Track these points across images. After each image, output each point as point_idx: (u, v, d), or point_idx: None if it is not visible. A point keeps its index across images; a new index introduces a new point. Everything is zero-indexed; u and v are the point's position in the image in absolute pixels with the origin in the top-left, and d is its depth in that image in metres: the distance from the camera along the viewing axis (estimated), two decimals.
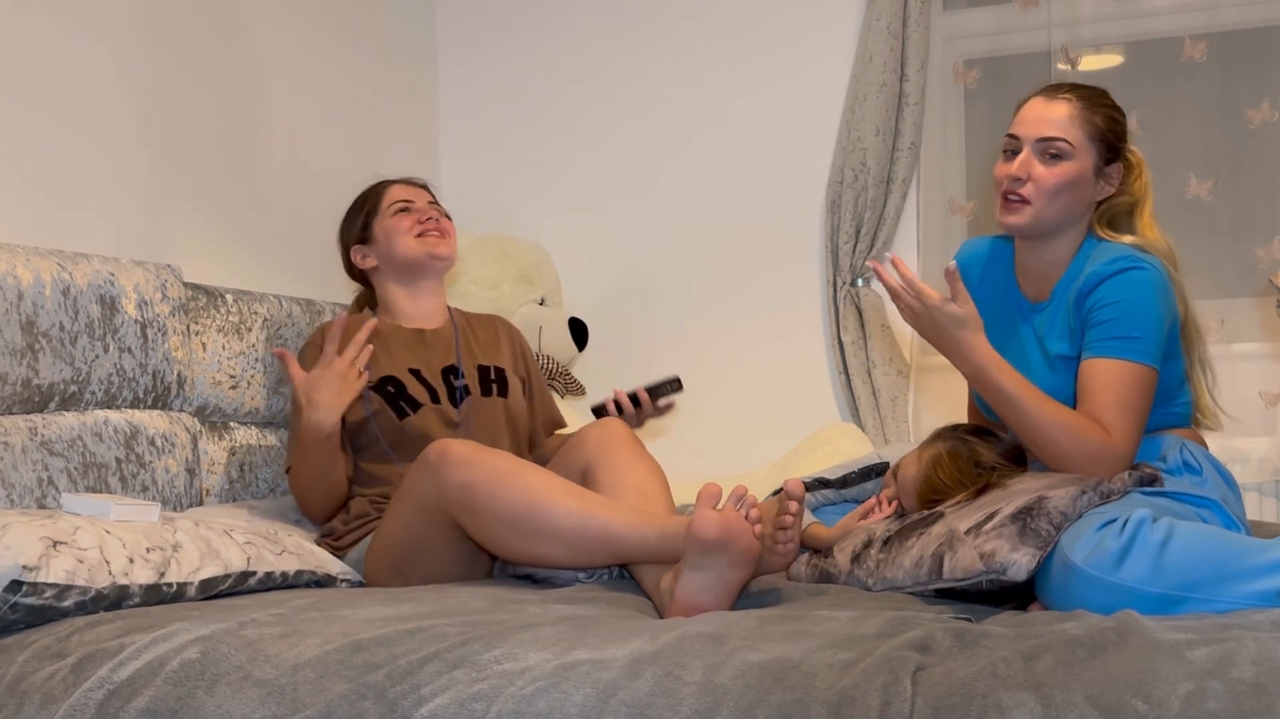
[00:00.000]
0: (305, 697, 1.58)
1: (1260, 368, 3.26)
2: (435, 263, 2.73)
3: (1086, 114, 2.19)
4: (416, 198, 2.78)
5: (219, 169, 3.13)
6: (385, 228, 2.74)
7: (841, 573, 2.18)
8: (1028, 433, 2.08)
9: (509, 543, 2.16)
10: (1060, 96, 2.22)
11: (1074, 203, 2.20)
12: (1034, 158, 2.20)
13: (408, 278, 2.75)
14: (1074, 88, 2.24)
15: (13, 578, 1.78)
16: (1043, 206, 2.19)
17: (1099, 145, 2.20)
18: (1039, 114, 2.21)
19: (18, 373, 2.31)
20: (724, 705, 1.47)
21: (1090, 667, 1.47)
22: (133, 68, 2.89)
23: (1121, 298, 2.11)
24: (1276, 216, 3.32)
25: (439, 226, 2.74)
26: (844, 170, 3.52)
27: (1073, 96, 2.21)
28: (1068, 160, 2.18)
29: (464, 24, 4.00)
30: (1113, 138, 2.21)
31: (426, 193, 2.83)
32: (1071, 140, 2.18)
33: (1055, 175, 2.18)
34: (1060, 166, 2.18)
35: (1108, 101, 2.25)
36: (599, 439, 2.36)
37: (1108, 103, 2.24)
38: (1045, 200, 2.19)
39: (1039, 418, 2.05)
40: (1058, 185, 2.18)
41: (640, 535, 2.07)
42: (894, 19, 3.45)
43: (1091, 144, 2.19)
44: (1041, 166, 2.19)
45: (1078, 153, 2.18)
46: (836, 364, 3.58)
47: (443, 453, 2.20)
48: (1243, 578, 1.80)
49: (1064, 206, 2.20)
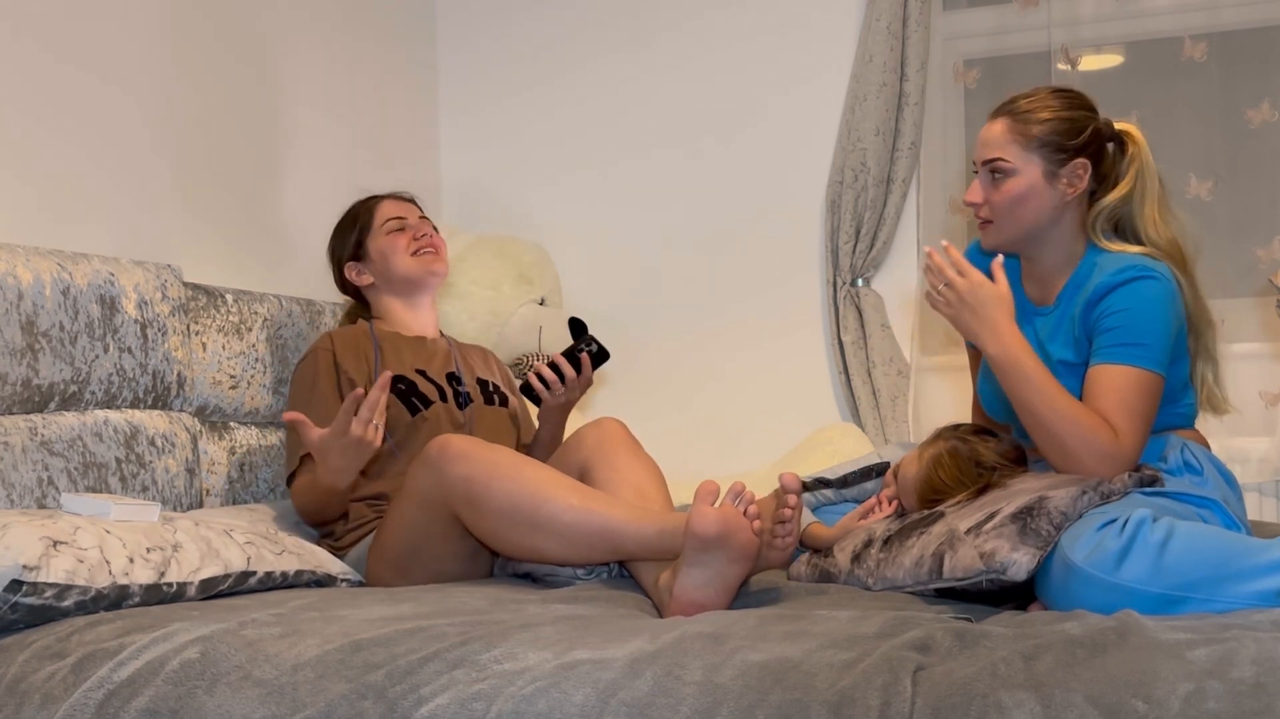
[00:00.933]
0: (305, 697, 1.58)
1: (1260, 368, 3.26)
2: (432, 279, 2.78)
3: (1021, 127, 2.21)
4: (408, 214, 2.81)
5: (219, 169, 3.13)
6: (380, 246, 2.77)
7: (841, 573, 2.18)
8: (1040, 422, 2.08)
9: (508, 536, 2.16)
10: (1000, 115, 2.25)
11: (1037, 211, 2.22)
12: (984, 180, 2.25)
13: (405, 293, 2.78)
14: (1016, 100, 2.25)
15: (13, 578, 1.78)
16: (1004, 224, 2.24)
17: (1042, 151, 2.20)
18: (982, 136, 2.26)
19: (18, 373, 2.31)
20: (724, 705, 1.47)
21: (1090, 667, 1.47)
22: (133, 68, 2.89)
23: (1129, 306, 2.12)
24: (1276, 216, 3.32)
25: (433, 243, 2.78)
26: (844, 170, 3.52)
27: (1012, 111, 2.23)
28: (1011, 177, 2.21)
29: (465, 23, 4.00)
30: (1059, 139, 2.20)
31: (415, 207, 2.86)
32: (1008, 157, 2.21)
33: (1002, 194, 2.22)
34: (1006, 184, 2.22)
35: (1055, 103, 2.23)
36: (596, 438, 2.37)
37: (1055, 104, 2.23)
38: (1004, 218, 2.24)
39: (1055, 409, 2.06)
40: (1007, 203, 2.22)
41: (639, 530, 2.08)
42: (894, 19, 3.45)
43: (1032, 154, 2.20)
44: (992, 187, 2.24)
45: (1018, 167, 2.21)
46: (836, 364, 3.58)
47: (444, 447, 2.21)
48: (1243, 578, 1.80)
49: (1028, 217, 2.22)
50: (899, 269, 3.58)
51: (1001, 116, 2.24)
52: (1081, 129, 2.21)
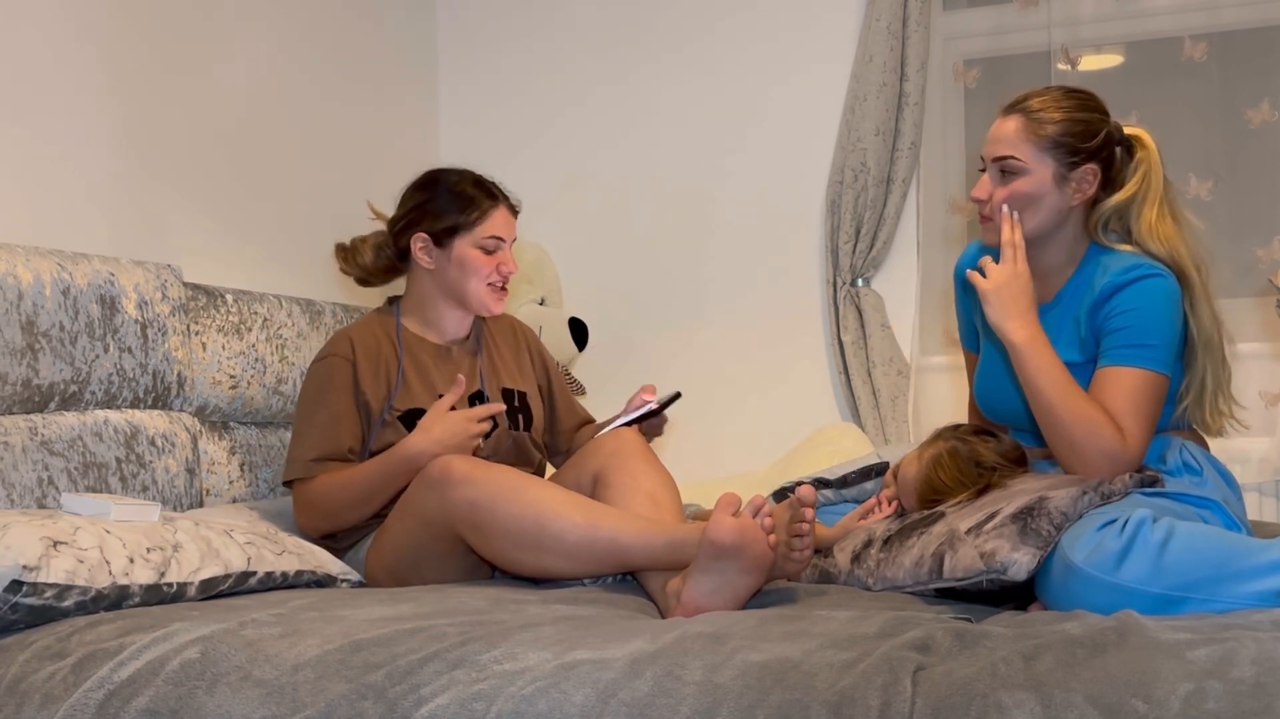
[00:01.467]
0: (305, 697, 1.58)
1: (1260, 368, 3.26)
2: (484, 314, 2.62)
3: (1034, 126, 2.19)
4: (507, 237, 2.60)
5: (219, 169, 3.13)
6: (465, 256, 2.55)
7: (841, 573, 2.18)
8: (1053, 415, 2.08)
9: (515, 558, 2.17)
10: (1013, 112, 2.22)
11: (1043, 213, 2.20)
12: (994, 176, 2.23)
13: (453, 305, 2.60)
14: (1029, 98, 2.23)
15: (13, 578, 1.78)
16: None
17: (1055, 153, 2.18)
18: (993, 133, 2.23)
19: (18, 373, 2.31)
20: (724, 705, 1.47)
21: (1090, 667, 1.47)
22: (133, 68, 2.89)
23: (1136, 305, 2.12)
24: (1276, 216, 3.32)
25: (506, 286, 2.61)
26: (844, 170, 3.52)
27: (1025, 109, 2.21)
28: (1021, 176, 2.19)
29: (465, 24, 4.00)
30: (1073, 141, 2.18)
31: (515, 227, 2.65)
32: (1020, 156, 2.19)
33: (1009, 192, 2.20)
34: (1015, 183, 2.20)
35: (1069, 104, 2.21)
36: (614, 446, 2.36)
37: (1068, 104, 2.21)
38: None
39: (1068, 403, 2.06)
40: (1013, 201, 2.20)
41: (648, 544, 2.08)
42: (894, 19, 3.45)
43: (1045, 154, 2.18)
44: (1000, 184, 2.22)
45: (1030, 166, 2.19)
46: (836, 364, 3.58)
47: (446, 470, 2.20)
48: (1243, 578, 1.81)
49: (1033, 218, 2.20)
50: (899, 269, 3.58)
51: (1014, 114, 2.21)
52: (1095, 132, 2.20)
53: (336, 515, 2.43)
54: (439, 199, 2.57)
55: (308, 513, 2.44)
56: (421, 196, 2.59)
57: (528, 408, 2.64)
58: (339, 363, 2.50)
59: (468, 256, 2.55)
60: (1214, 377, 2.22)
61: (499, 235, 2.57)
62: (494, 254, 2.56)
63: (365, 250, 2.66)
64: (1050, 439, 2.11)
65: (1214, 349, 2.21)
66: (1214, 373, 2.22)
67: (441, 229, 2.55)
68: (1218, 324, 2.22)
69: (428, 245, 2.57)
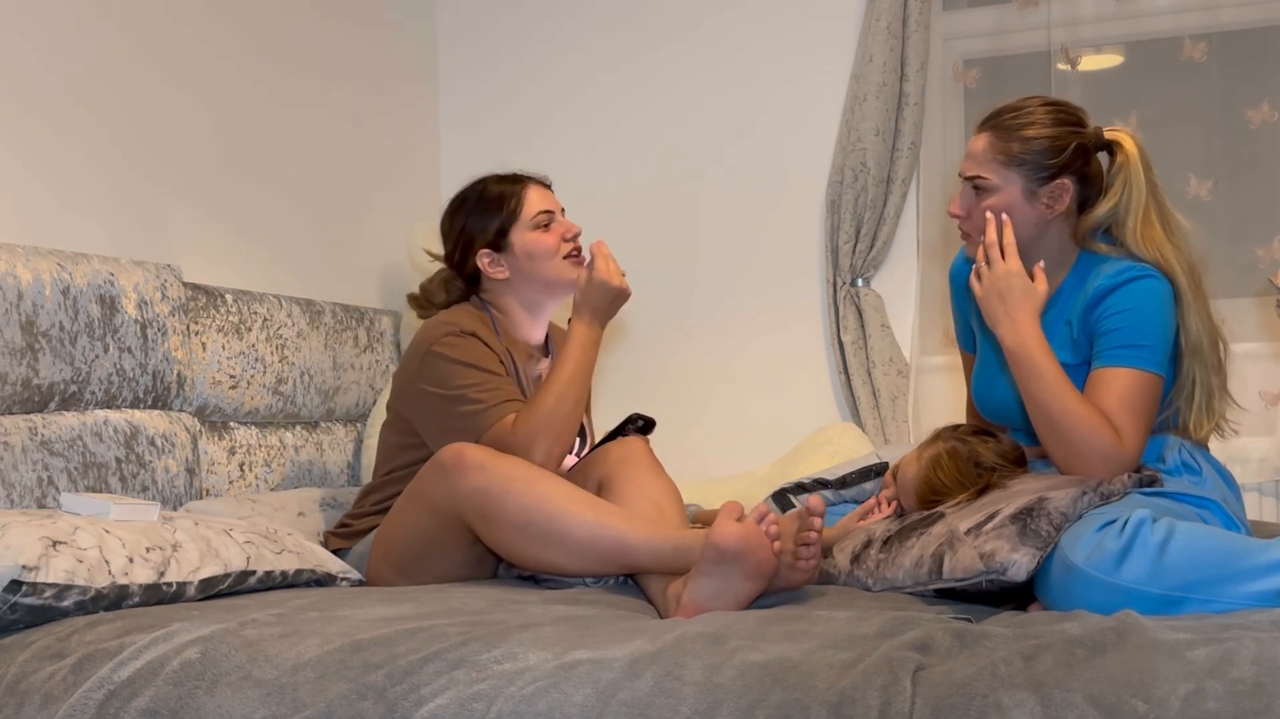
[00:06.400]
0: (305, 697, 1.58)
1: (1260, 368, 3.26)
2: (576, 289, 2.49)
3: (1000, 144, 2.19)
4: (554, 207, 2.60)
5: (219, 169, 3.13)
6: (528, 244, 2.55)
7: (841, 573, 2.18)
8: (1048, 418, 2.08)
9: (521, 549, 2.17)
10: (985, 128, 2.23)
11: (1018, 226, 2.18)
12: (966, 193, 2.24)
13: (541, 296, 2.59)
14: (1002, 113, 2.22)
15: (12, 578, 1.78)
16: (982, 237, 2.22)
17: (1021, 170, 2.18)
18: (968, 149, 2.25)
19: (18, 373, 2.31)
20: (724, 705, 1.47)
21: (1090, 667, 1.47)
22: (133, 67, 2.89)
23: (1130, 306, 2.13)
24: (1276, 216, 3.32)
25: (579, 246, 2.57)
26: (844, 170, 3.52)
27: (996, 125, 2.21)
28: (991, 194, 2.20)
29: (465, 23, 4.00)
30: (1038, 158, 2.17)
31: (556, 197, 2.65)
32: (987, 174, 2.20)
33: (982, 210, 2.20)
34: (987, 200, 2.20)
35: (1040, 118, 2.19)
36: (620, 454, 2.36)
37: (1039, 119, 2.19)
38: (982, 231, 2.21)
39: (1064, 404, 2.06)
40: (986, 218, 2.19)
41: (654, 546, 2.08)
42: (894, 19, 3.45)
43: (1011, 171, 2.18)
44: (974, 201, 2.22)
45: (997, 184, 2.19)
46: (836, 364, 3.58)
47: (459, 457, 2.20)
48: (1242, 578, 1.81)
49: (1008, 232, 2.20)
50: (899, 269, 3.58)
51: (986, 130, 2.22)
52: (1063, 148, 2.18)
53: (563, 427, 2.36)
54: (475, 211, 2.60)
55: (530, 441, 2.32)
56: (460, 219, 2.61)
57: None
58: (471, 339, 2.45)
59: (528, 242, 2.56)
60: (1203, 385, 2.19)
61: (544, 209, 2.58)
62: (550, 228, 2.57)
63: (436, 290, 2.65)
64: (1046, 441, 2.11)
65: (1203, 356, 2.19)
66: (1203, 380, 2.19)
67: (494, 234, 2.57)
68: (1212, 331, 2.20)
69: (493, 257, 2.57)
